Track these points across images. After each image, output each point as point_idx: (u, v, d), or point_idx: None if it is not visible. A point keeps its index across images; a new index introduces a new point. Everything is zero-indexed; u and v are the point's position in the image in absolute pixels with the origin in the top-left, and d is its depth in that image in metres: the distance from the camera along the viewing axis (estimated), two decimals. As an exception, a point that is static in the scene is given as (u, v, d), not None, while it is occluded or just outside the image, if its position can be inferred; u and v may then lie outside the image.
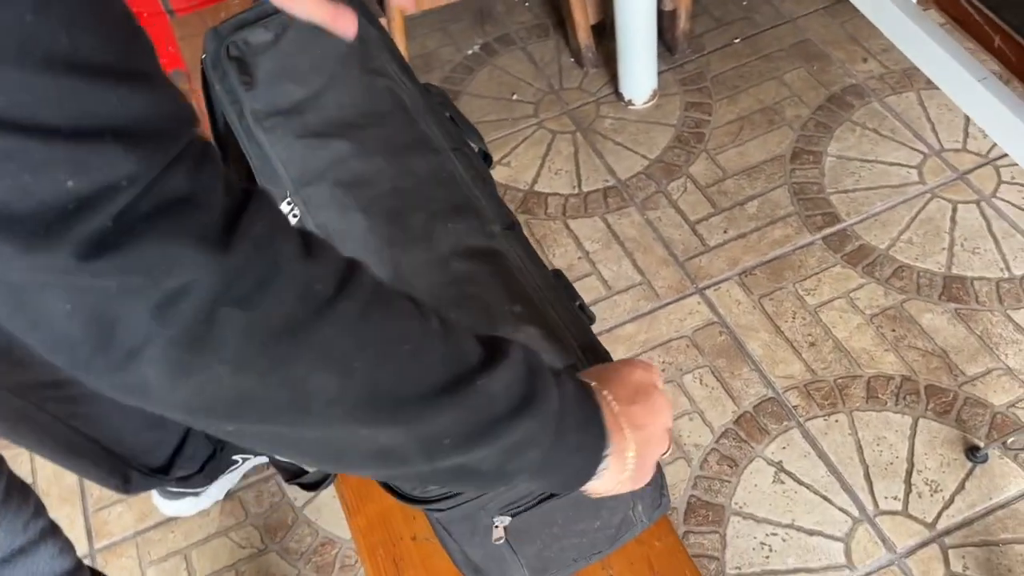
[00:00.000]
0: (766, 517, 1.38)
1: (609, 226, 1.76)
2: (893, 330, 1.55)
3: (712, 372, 1.54)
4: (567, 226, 1.77)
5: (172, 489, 1.40)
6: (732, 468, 1.43)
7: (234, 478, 1.47)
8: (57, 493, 1.52)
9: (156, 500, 1.45)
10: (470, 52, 2.11)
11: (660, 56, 1.93)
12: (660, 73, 1.96)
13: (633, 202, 1.79)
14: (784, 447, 1.44)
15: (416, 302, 0.51)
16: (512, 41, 2.13)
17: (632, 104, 1.95)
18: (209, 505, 1.46)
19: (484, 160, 0.95)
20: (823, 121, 1.87)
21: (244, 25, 1.00)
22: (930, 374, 1.49)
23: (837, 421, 1.46)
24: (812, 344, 1.55)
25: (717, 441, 1.46)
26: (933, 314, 1.56)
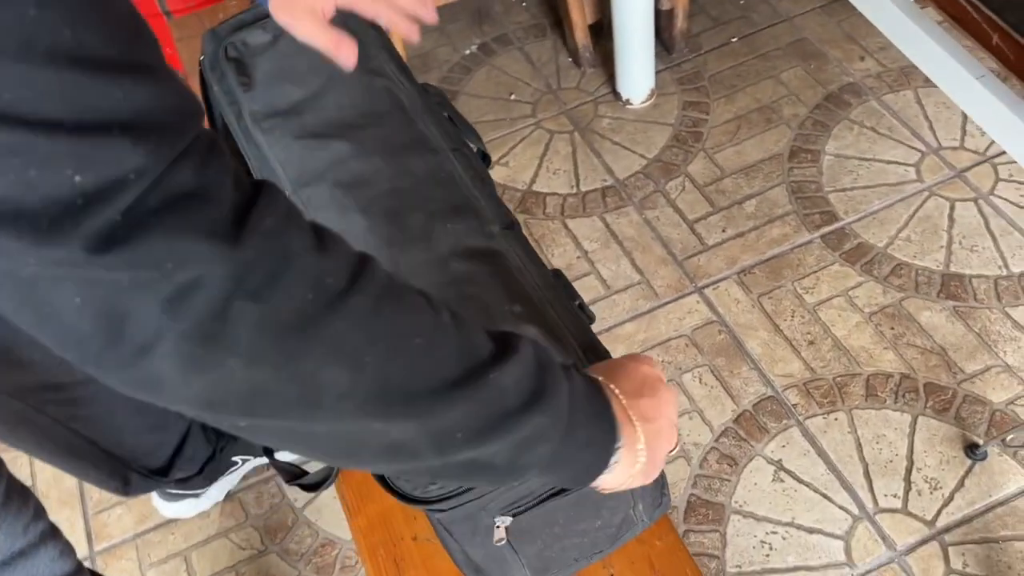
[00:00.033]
0: (766, 515, 1.38)
1: (607, 225, 1.76)
2: (892, 328, 1.55)
3: (711, 371, 1.54)
4: (565, 226, 1.77)
5: (172, 491, 1.40)
6: (732, 467, 1.43)
7: (234, 479, 1.47)
8: (56, 496, 1.52)
9: (156, 502, 1.44)
10: (468, 52, 2.11)
11: (657, 55, 1.93)
12: (658, 72, 1.96)
13: (631, 201, 1.79)
14: (784, 445, 1.44)
15: (427, 296, 0.51)
16: (510, 41, 2.13)
17: (630, 104, 1.95)
18: (209, 507, 1.46)
19: (483, 160, 0.95)
20: (821, 120, 1.87)
21: (242, 26, 1.00)
22: (929, 372, 1.49)
23: (836, 419, 1.46)
24: (811, 342, 1.55)
25: (717, 440, 1.46)
26: (931, 312, 1.56)
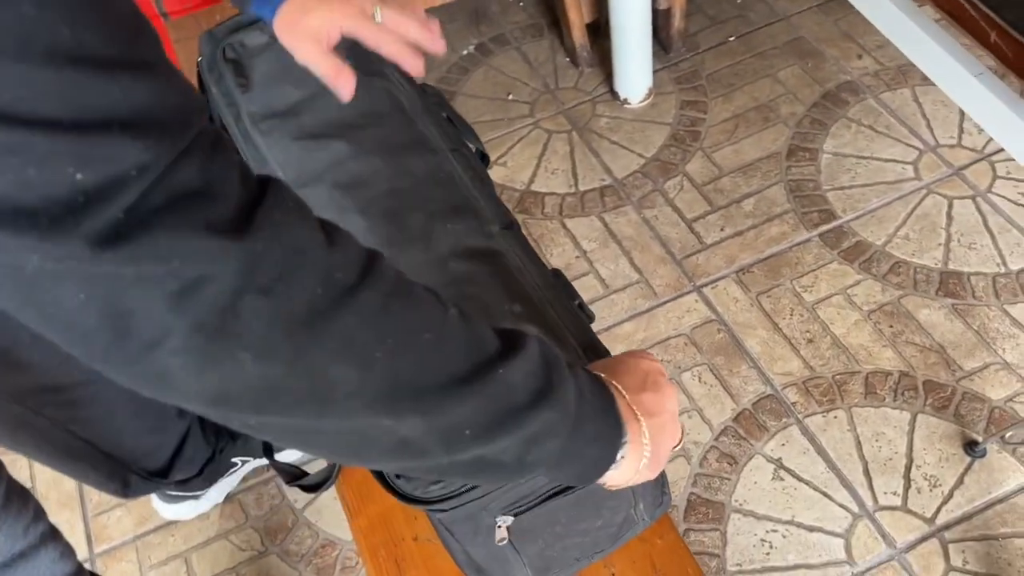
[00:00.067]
0: (766, 514, 1.38)
1: (606, 225, 1.76)
2: (891, 326, 1.55)
3: (711, 370, 1.54)
4: (564, 225, 1.77)
5: (171, 493, 1.40)
6: (732, 465, 1.43)
7: (233, 481, 1.46)
8: (56, 498, 1.52)
9: (155, 504, 1.44)
10: (465, 52, 2.11)
11: (655, 55, 1.93)
12: (655, 72, 1.96)
13: (630, 201, 1.79)
14: (783, 444, 1.45)
15: (435, 293, 0.50)
16: (507, 41, 2.13)
17: (628, 103, 1.95)
18: (209, 508, 1.46)
19: (481, 160, 0.95)
20: (818, 118, 1.88)
21: (239, 27, 1.00)
22: (928, 369, 1.50)
23: (836, 417, 1.47)
24: (810, 341, 1.55)
25: (716, 439, 1.46)
26: (930, 309, 1.57)
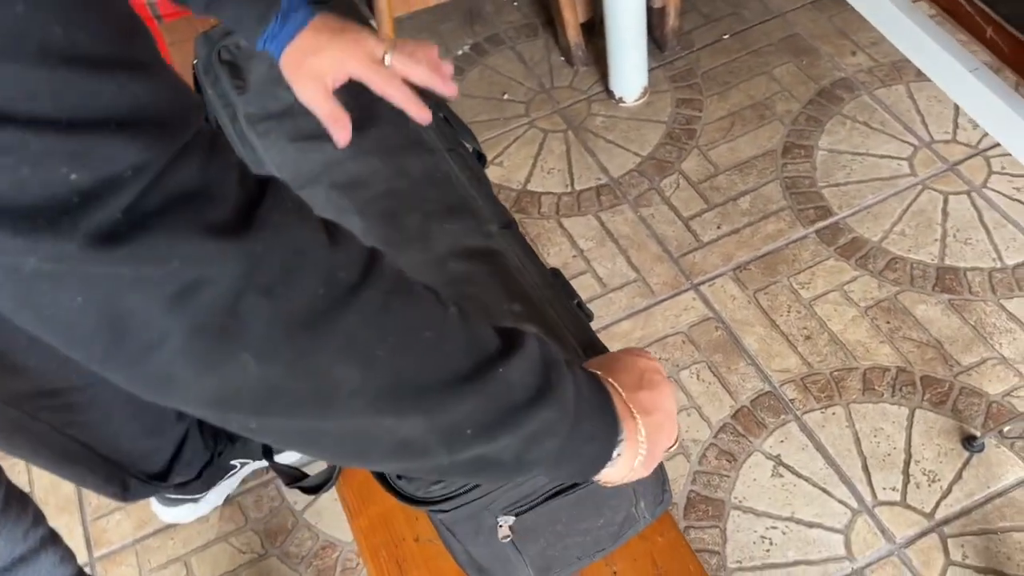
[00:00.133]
0: (766, 511, 1.38)
1: (603, 224, 1.76)
2: (888, 322, 1.55)
3: (709, 367, 1.54)
4: (561, 225, 1.77)
5: (170, 496, 1.39)
6: (731, 463, 1.43)
7: (232, 483, 1.46)
8: (55, 503, 1.51)
9: (155, 507, 1.44)
10: (460, 53, 2.11)
11: (650, 53, 1.94)
12: (650, 70, 1.96)
13: (626, 199, 1.79)
14: (782, 440, 1.45)
15: (434, 291, 0.50)
16: (502, 41, 2.13)
17: (623, 102, 1.95)
18: (208, 511, 1.46)
19: (478, 160, 0.95)
20: (813, 115, 1.88)
21: (235, 29, 0.99)
22: (925, 365, 1.50)
23: (834, 413, 1.47)
24: (808, 337, 1.55)
25: (715, 436, 1.46)
26: (927, 305, 1.57)
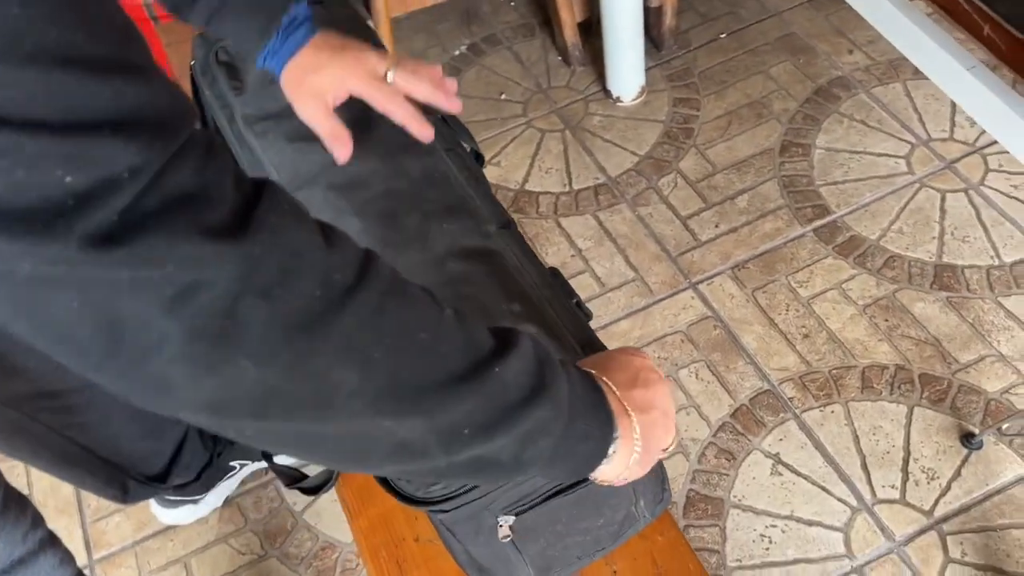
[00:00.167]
0: (765, 509, 1.38)
1: (601, 223, 1.76)
2: (886, 320, 1.56)
3: (707, 366, 1.54)
4: (559, 224, 1.77)
5: (170, 498, 1.39)
6: (730, 461, 1.43)
7: (232, 485, 1.46)
8: (54, 504, 1.51)
9: (154, 509, 1.44)
10: (457, 53, 2.11)
11: (647, 53, 1.94)
12: (647, 70, 1.96)
13: (624, 199, 1.79)
14: (781, 439, 1.45)
15: (430, 292, 0.51)
16: (499, 41, 2.13)
17: (620, 101, 1.96)
18: (207, 513, 1.45)
19: (476, 160, 0.95)
20: (811, 114, 1.88)
21: (232, 30, 0.99)
22: (924, 363, 1.50)
23: (833, 412, 1.47)
24: (806, 336, 1.56)
25: (714, 435, 1.46)
26: (925, 303, 1.57)
